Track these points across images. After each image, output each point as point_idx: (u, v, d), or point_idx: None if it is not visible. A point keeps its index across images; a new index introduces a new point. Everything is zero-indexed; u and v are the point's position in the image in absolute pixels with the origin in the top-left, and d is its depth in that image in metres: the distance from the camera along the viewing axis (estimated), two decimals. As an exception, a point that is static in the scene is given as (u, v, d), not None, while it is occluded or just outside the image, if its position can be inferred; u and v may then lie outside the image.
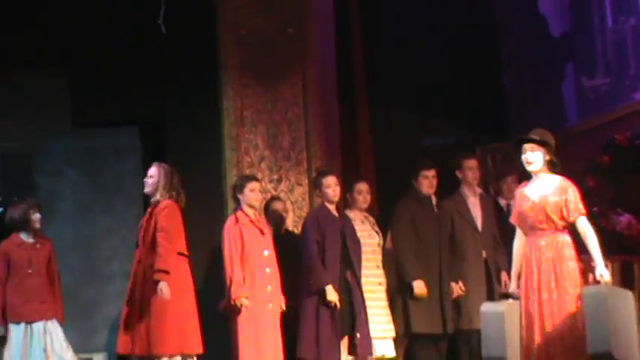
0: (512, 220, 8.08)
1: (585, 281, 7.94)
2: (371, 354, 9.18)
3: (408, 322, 9.58)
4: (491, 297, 9.66)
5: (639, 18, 10.68)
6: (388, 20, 11.70)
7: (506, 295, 8.20)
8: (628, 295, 7.78)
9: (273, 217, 9.72)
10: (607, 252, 8.34)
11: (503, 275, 9.44)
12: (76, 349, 9.65)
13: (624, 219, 9.91)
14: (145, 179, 9.05)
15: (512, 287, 8.05)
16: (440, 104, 11.46)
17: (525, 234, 7.95)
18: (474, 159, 10.00)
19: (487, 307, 8.18)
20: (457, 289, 9.65)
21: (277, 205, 9.80)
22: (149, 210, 9.05)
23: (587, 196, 8.98)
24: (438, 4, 11.62)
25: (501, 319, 7.87)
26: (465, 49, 11.57)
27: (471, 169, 9.87)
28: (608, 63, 10.89)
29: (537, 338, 7.73)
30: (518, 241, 8.01)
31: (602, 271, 7.65)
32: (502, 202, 10.11)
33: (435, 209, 9.85)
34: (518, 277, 7.95)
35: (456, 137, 11.37)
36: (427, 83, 11.45)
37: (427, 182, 9.75)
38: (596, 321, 7.42)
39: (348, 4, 11.14)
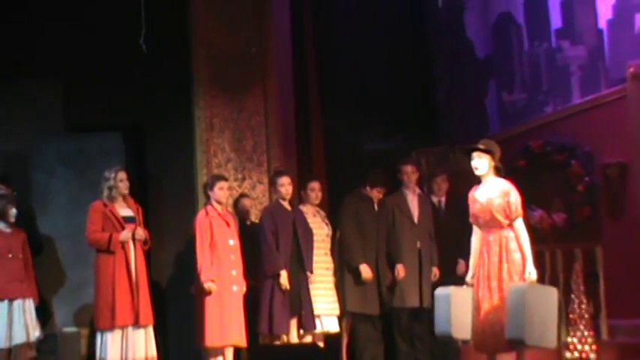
0: (471, 220, 8.12)
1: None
2: (315, 328, 9.31)
3: (350, 302, 9.66)
4: (422, 280, 9.74)
5: (550, 43, 10.87)
6: (339, 41, 11.63)
7: (464, 282, 8.20)
8: (552, 291, 7.92)
9: (242, 211, 9.81)
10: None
11: (460, 263, 9.40)
12: (66, 324, 9.83)
13: (537, 214, 10.01)
14: (127, 182, 9.17)
15: (469, 276, 8.10)
16: (382, 114, 11.45)
17: (480, 230, 8.05)
18: (409, 164, 10.02)
19: (439, 290, 8.23)
20: (400, 269, 9.68)
21: (245, 201, 9.88)
22: (136, 204, 9.25)
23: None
24: (382, 29, 11.64)
25: (449, 301, 7.97)
26: (403, 67, 11.61)
27: (406, 173, 9.91)
28: (525, 81, 11.06)
29: (485, 319, 7.85)
30: (475, 237, 8.11)
31: (531, 270, 7.81)
32: (434, 199, 10.13)
33: (376, 207, 9.90)
34: (475, 267, 8.06)
35: (395, 142, 11.36)
36: (371, 96, 11.49)
37: (376, 194, 9.84)
38: (514, 313, 7.58)
39: (304, 27, 11.08)
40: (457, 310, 7.95)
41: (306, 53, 11.12)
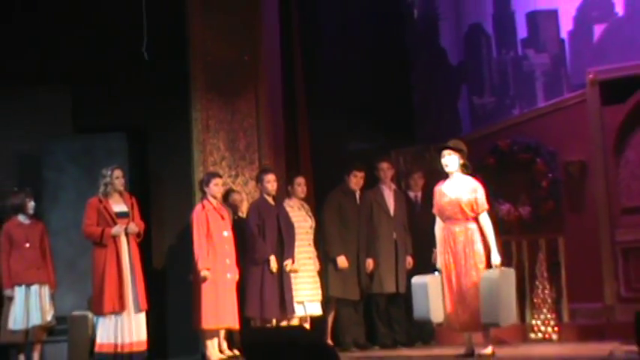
0: (434, 211, 8.21)
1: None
2: (293, 313, 9.34)
3: (333, 288, 9.69)
4: (398, 268, 9.78)
5: (517, 51, 10.89)
6: (324, 49, 11.64)
7: (434, 269, 8.29)
8: (511, 272, 8.14)
9: (231, 205, 9.77)
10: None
11: (435, 252, 8.95)
12: (74, 308, 9.73)
13: (504, 207, 10.05)
14: (122, 179, 9.15)
15: (438, 263, 8.19)
16: (364, 116, 11.36)
17: (443, 221, 8.14)
18: (385, 162, 10.05)
19: (416, 279, 8.33)
20: (370, 263, 9.75)
21: (235, 196, 9.87)
22: (131, 199, 9.20)
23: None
24: (364, 39, 11.59)
25: (425, 288, 8.10)
26: (383, 73, 11.53)
27: (382, 169, 9.96)
28: (493, 86, 11.10)
29: (454, 301, 8.00)
30: (438, 227, 8.20)
31: (495, 257, 7.98)
32: (411, 194, 10.17)
33: (358, 201, 9.92)
34: (441, 255, 8.17)
35: (376, 143, 11.27)
36: (354, 99, 11.38)
37: (355, 180, 9.85)
38: (488, 299, 7.77)
39: (292, 37, 10.97)
40: (433, 297, 8.06)
41: (294, 61, 11.02)
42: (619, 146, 9.77)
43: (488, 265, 8.04)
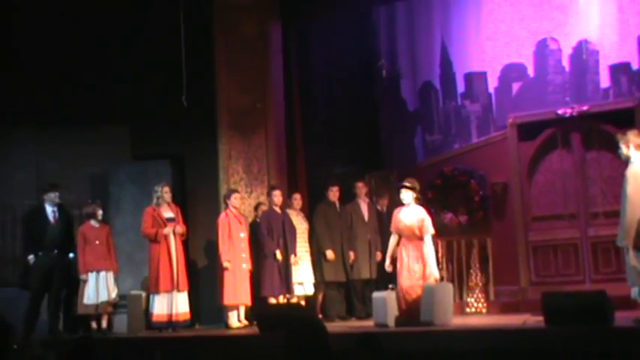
0: (392, 229, 8.23)
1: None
2: (294, 293, 9.48)
3: (322, 274, 9.88)
4: (370, 260, 9.92)
5: (457, 102, 10.96)
6: (316, 98, 11.58)
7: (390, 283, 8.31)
8: (449, 286, 8.24)
9: (258, 213, 9.91)
10: (439, 234, 8.85)
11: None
12: (132, 288, 9.83)
13: (448, 216, 10.15)
14: (170, 193, 9.31)
15: (386, 264, 8.16)
16: (345, 148, 11.36)
17: (399, 238, 8.20)
18: (360, 182, 10.24)
19: (376, 294, 8.31)
20: (352, 255, 9.93)
21: (263, 207, 9.95)
22: (177, 208, 9.39)
23: (429, 202, 9.47)
24: (345, 90, 11.56)
25: (384, 301, 8.11)
26: (360, 116, 11.61)
27: (359, 187, 10.17)
28: (440, 126, 11.13)
29: (406, 301, 8.01)
30: (393, 241, 8.26)
31: (435, 272, 8.04)
32: (379, 206, 10.34)
33: (338, 209, 10.09)
34: (392, 262, 8.21)
35: (355, 167, 11.12)
36: (338, 135, 11.39)
37: (332, 193, 10.04)
38: (427, 304, 7.86)
39: (292, 90, 11.02)
40: (389, 306, 8.04)
41: (294, 107, 11.10)
42: (531, 171, 9.86)
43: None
